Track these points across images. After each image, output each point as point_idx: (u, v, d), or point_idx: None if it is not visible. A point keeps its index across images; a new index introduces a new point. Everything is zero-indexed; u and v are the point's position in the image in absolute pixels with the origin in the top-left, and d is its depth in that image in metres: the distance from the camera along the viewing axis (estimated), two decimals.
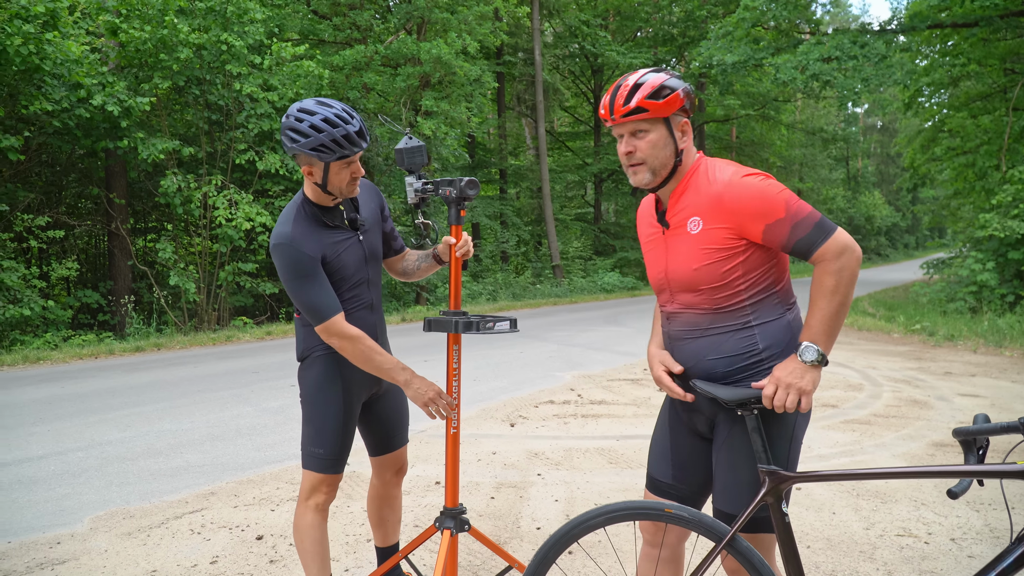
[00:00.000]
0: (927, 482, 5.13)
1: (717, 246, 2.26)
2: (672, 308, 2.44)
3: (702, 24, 31.05)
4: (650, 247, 2.51)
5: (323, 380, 3.01)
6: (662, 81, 2.29)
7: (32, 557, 4.02)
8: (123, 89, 13.77)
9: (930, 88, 22.67)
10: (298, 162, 2.82)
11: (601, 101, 2.39)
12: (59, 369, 10.65)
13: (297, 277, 2.78)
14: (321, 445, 3.01)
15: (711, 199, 2.27)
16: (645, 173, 2.34)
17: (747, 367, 2.31)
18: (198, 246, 16.20)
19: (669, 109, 2.29)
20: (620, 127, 2.34)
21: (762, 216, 2.20)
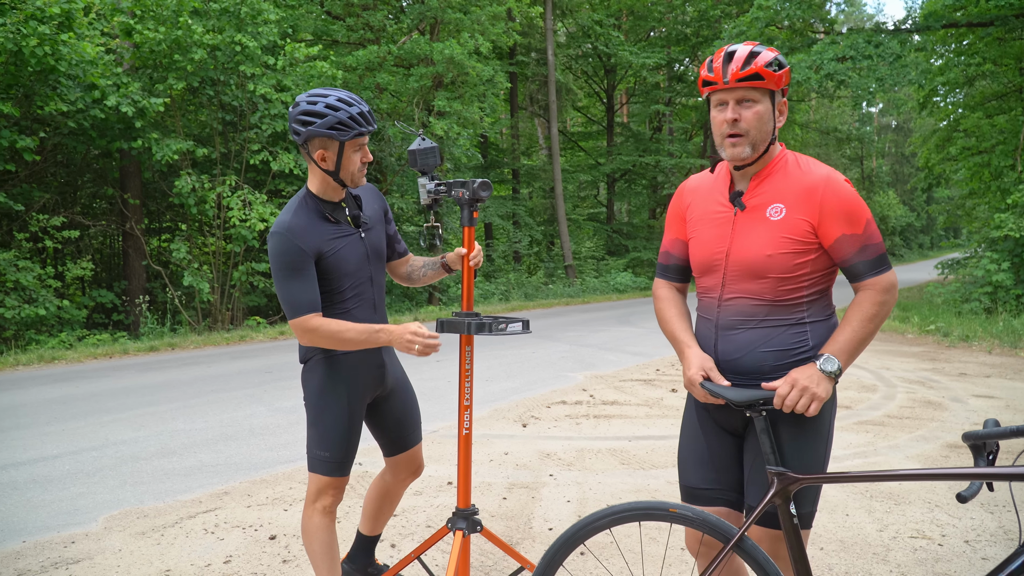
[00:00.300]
0: (940, 484, 5.10)
1: (795, 237, 2.24)
2: (725, 294, 2.37)
3: (715, 24, 30.97)
4: (709, 225, 2.41)
5: (326, 383, 2.99)
6: (776, 55, 2.25)
7: (47, 556, 4.05)
8: (137, 90, 13.85)
9: (945, 88, 22.53)
10: (310, 149, 2.80)
11: (707, 65, 2.29)
12: (73, 369, 10.72)
13: (284, 268, 2.76)
14: (327, 448, 3.00)
15: (803, 189, 2.25)
16: (745, 146, 2.26)
17: (795, 363, 2.29)
18: (212, 246, 16.27)
19: (779, 83, 2.25)
20: (728, 93, 2.26)
21: (845, 223, 2.21)
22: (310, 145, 2.79)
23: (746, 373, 2.33)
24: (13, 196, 13.59)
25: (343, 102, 2.75)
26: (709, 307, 2.43)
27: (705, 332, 2.44)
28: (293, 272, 2.76)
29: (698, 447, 2.52)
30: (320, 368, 2.99)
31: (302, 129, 2.75)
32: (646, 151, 32.90)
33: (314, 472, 3.03)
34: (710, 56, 2.32)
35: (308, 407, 3.05)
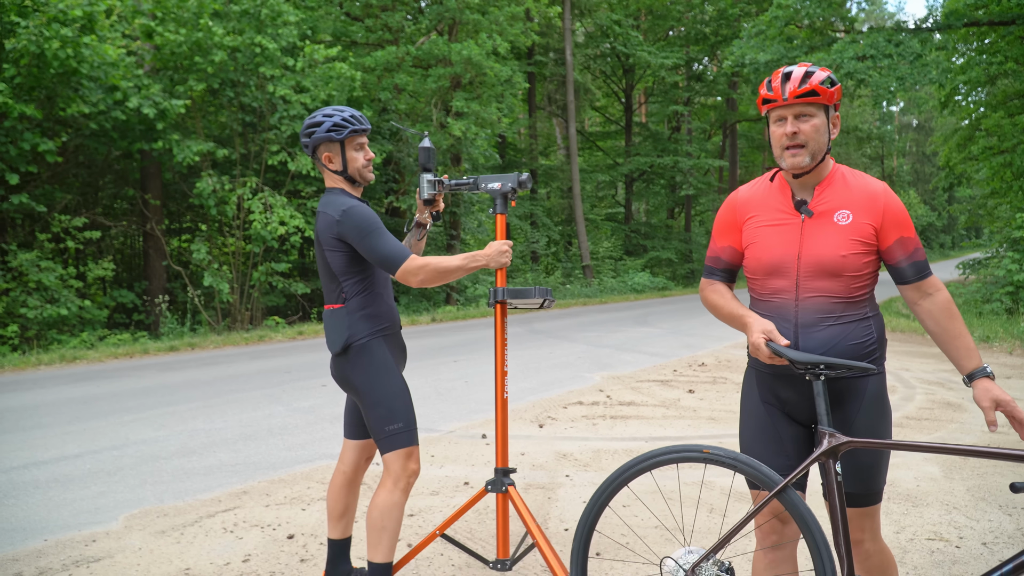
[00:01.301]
0: (960, 486, 5.06)
1: (862, 239, 2.45)
2: (802, 293, 2.52)
3: (735, 23, 30.86)
4: (773, 231, 2.58)
5: (379, 360, 3.17)
6: (829, 74, 2.47)
7: (68, 555, 4.10)
8: (158, 91, 13.98)
9: (966, 86, 22.31)
10: (319, 156, 3.21)
11: (766, 84, 2.51)
12: (95, 368, 10.84)
13: (374, 229, 3.06)
14: (397, 419, 3.16)
15: (867, 196, 2.48)
16: (804, 156, 2.47)
17: (864, 356, 2.49)
18: (231, 246, 16.39)
19: (832, 99, 2.47)
20: (787, 109, 2.48)
21: (903, 228, 2.47)
22: (318, 152, 3.21)
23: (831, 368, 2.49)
24: (36, 197, 13.75)
25: (335, 110, 3.18)
26: (784, 307, 2.56)
27: (783, 331, 2.55)
28: (380, 231, 3.07)
29: (769, 436, 2.65)
30: (369, 349, 3.17)
31: (308, 140, 3.18)
32: (664, 151, 32.81)
33: (393, 450, 3.15)
34: (768, 78, 2.54)
35: (366, 390, 3.16)
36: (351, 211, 3.08)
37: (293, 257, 19.11)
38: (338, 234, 3.09)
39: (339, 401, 8.09)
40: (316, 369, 10.25)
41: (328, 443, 6.42)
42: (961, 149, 25.47)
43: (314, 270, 20.96)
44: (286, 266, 16.61)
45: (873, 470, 2.51)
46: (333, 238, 3.11)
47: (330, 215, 3.11)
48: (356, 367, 3.16)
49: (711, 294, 2.82)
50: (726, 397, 8.24)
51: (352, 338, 3.15)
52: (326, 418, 7.34)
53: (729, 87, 33.50)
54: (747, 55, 19.79)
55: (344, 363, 3.19)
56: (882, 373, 2.54)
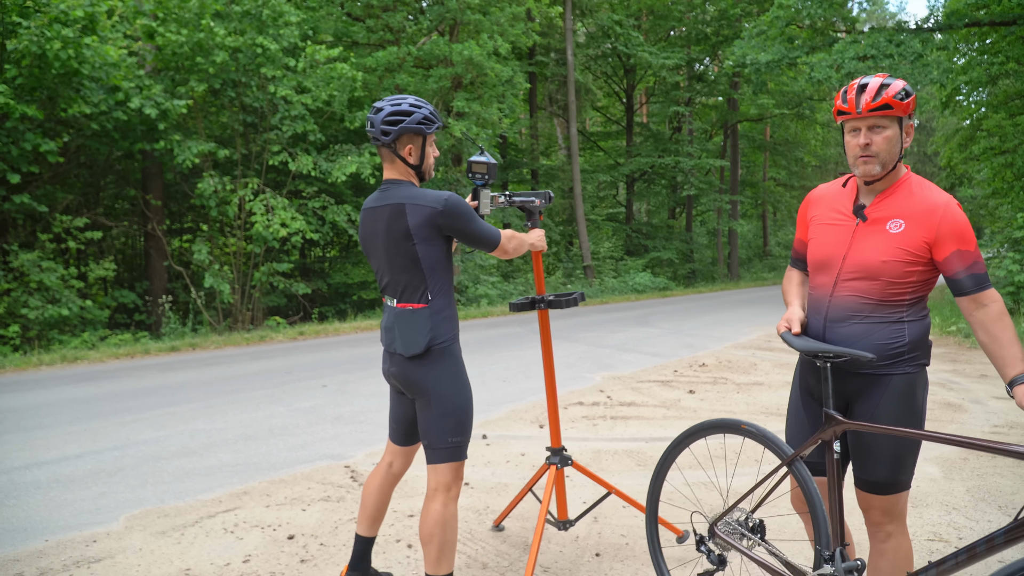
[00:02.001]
0: (959, 486, 5.07)
1: (910, 249, 2.57)
2: (836, 291, 2.70)
3: (736, 23, 30.85)
4: (829, 230, 2.77)
5: (459, 368, 3.16)
6: (904, 85, 2.58)
7: (68, 555, 4.11)
8: (160, 92, 13.98)
9: (968, 86, 22.31)
10: (398, 146, 3.12)
11: (841, 96, 2.65)
12: (96, 368, 10.85)
13: (473, 213, 3.11)
14: (461, 432, 3.15)
15: (924, 209, 2.58)
16: (875, 165, 2.61)
17: (892, 355, 2.64)
18: (232, 247, 16.40)
19: (907, 110, 2.57)
20: (861, 121, 2.60)
21: (960, 241, 2.54)
22: (398, 143, 3.11)
23: (850, 362, 2.67)
24: (37, 197, 13.77)
25: (420, 102, 3.14)
26: (820, 301, 2.77)
27: (813, 324, 2.78)
28: (476, 216, 3.14)
29: (803, 422, 2.92)
30: (449, 355, 3.14)
31: (392, 128, 3.08)
32: (665, 151, 32.80)
33: (449, 461, 3.14)
34: (844, 88, 2.67)
35: (440, 397, 3.11)
36: (452, 199, 3.04)
37: (294, 257, 19.13)
38: (440, 224, 3.03)
39: (339, 402, 8.10)
40: (317, 369, 10.26)
41: (329, 443, 6.43)
42: (962, 149, 25.49)
43: (316, 270, 20.99)
44: (288, 266, 16.62)
45: (897, 461, 2.66)
46: (432, 229, 3.03)
47: (428, 207, 3.01)
48: (433, 371, 3.09)
49: (784, 280, 3.10)
50: (727, 398, 8.24)
51: (435, 340, 3.08)
52: (327, 418, 7.35)
53: (730, 87, 33.47)
54: (748, 55, 19.80)
55: (419, 366, 3.10)
56: (912, 374, 2.67)
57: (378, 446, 6.32)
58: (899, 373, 2.66)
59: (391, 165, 3.16)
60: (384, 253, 3.11)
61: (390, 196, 3.11)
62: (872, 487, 2.72)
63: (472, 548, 4.13)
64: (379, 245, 3.13)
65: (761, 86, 22.13)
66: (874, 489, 2.71)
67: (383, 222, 3.09)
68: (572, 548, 4.14)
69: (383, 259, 3.13)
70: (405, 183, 3.14)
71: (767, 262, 42.62)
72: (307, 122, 15.86)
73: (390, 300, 3.17)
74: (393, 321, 3.15)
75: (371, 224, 3.16)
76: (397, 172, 3.17)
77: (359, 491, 5.13)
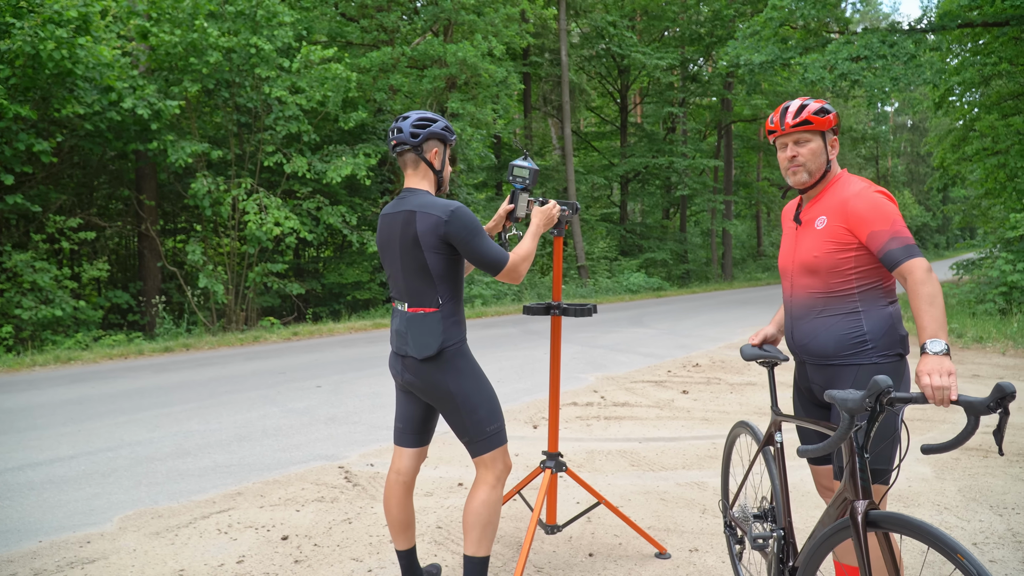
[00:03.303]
0: (951, 486, 5.09)
1: (834, 239, 2.80)
2: (793, 291, 2.99)
3: (730, 23, 30.88)
4: (784, 239, 3.11)
5: (473, 363, 3.24)
6: (822, 104, 2.88)
7: (62, 556, 4.11)
8: (153, 92, 13.97)
9: (961, 87, 22.39)
10: (424, 149, 3.21)
11: (769, 120, 2.97)
12: (89, 369, 10.83)
13: (480, 230, 3.12)
14: (496, 419, 3.25)
15: (839, 203, 2.82)
16: (803, 174, 2.90)
17: (853, 346, 2.80)
18: (226, 247, 16.39)
19: (826, 126, 2.87)
20: (786, 137, 2.91)
21: (871, 223, 2.71)
22: (425, 146, 3.22)
23: (816, 355, 2.89)
24: (30, 198, 13.73)
25: (437, 115, 3.27)
26: (786, 303, 3.07)
27: (787, 324, 3.07)
28: (484, 231, 3.17)
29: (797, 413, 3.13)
30: (463, 352, 3.22)
31: (421, 131, 3.18)
32: (659, 152, 32.84)
33: (493, 448, 3.23)
34: (771, 114, 3.01)
35: (464, 394, 3.19)
36: (459, 211, 3.09)
37: (288, 258, 19.11)
38: (444, 235, 3.08)
39: (333, 402, 8.10)
40: (311, 370, 10.26)
41: (323, 444, 6.43)
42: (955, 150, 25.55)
43: (310, 270, 20.98)
44: (282, 267, 16.61)
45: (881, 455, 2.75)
46: (438, 239, 3.09)
47: (435, 215, 3.07)
48: (450, 372, 3.16)
49: None
50: (720, 398, 8.27)
51: (447, 343, 3.15)
52: (321, 419, 7.35)
53: (724, 88, 33.52)
54: (742, 56, 19.82)
55: (435, 370, 3.15)
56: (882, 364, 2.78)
57: (372, 447, 6.33)
58: (867, 363, 2.78)
59: (415, 171, 3.24)
60: (398, 259, 3.19)
61: (405, 203, 3.18)
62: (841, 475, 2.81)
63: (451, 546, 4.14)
64: (393, 251, 3.20)
65: (755, 87, 22.16)
66: None
67: (397, 228, 3.17)
68: (565, 548, 4.15)
69: (397, 264, 3.20)
70: (422, 192, 3.20)
71: (761, 262, 42.70)
72: (301, 122, 15.85)
73: (401, 304, 3.23)
74: (405, 325, 3.19)
75: (387, 230, 3.25)
76: (419, 178, 3.24)
77: (353, 492, 5.13)
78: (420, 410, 3.36)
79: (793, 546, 2.94)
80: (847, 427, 2.20)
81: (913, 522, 2.09)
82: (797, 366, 3.10)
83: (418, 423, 3.38)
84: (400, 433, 3.41)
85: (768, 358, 3.15)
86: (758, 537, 3.00)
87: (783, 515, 2.96)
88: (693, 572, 3.81)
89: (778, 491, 3.02)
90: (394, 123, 3.23)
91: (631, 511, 4.70)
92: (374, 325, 16.09)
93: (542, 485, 3.74)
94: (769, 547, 3.01)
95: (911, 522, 2.10)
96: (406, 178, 3.27)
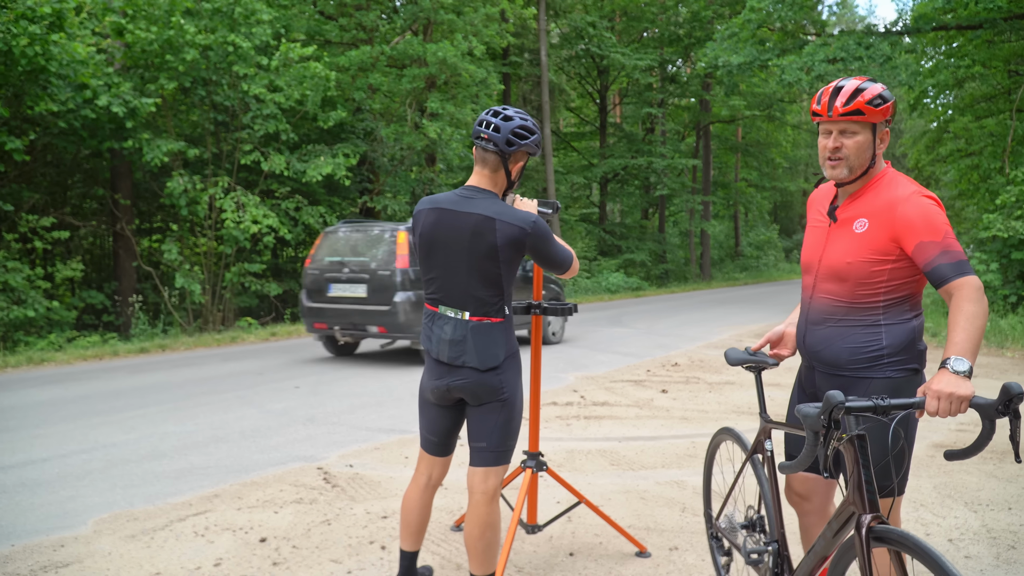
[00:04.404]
0: (927, 483, 5.13)
1: (874, 248, 2.55)
2: (815, 293, 2.75)
3: (708, 25, 31.03)
4: (812, 232, 2.82)
5: (519, 376, 3.20)
6: (880, 91, 2.54)
7: (36, 560, 4.04)
8: (129, 90, 13.81)
9: (935, 89, 22.64)
10: (513, 158, 3.14)
11: (816, 97, 2.63)
12: (63, 371, 10.70)
13: (552, 237, 3.15)
14: (516, 437, 3.22)
15: (885, 206, 2.54)
16: (843, 168, 2.59)
17: (868, 359, 2.61)
18: (203, 247, 16.24)
19: (880, 117, 2.54)
20: (832, 124, 2.58)
21: (920, 232, 2.45)
22: (514, 155, 3.13)
23: (827, 363, 2.70)
24: (2, 196, 13.54)
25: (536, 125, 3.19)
26: (804, 303, 2.83)
27: (800, 325, 2.84)
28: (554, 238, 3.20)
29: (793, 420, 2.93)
30: (516, 363, 3.19)
31: (519, 142, 3.08)
32: (639, 152, 32.93)
33: (500, 464, 3.18)
34: (821, 90, 2.64)
35: (514, 402, 3.17)
36: (540, 221, 3.09)
37: (266, 258, 18.96)
38: (525, 244, 3.04)
39: (312, 403, 8.05)
40: (289, 371, 10.19)
41: (301, 445, 6.38)
42: (930, 151, 25.85)
43: (288, 271, 20.83)
44: (260, 266, 16.48)
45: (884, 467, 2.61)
46: (515, 249, 3.03)
47: (518, 226, 3.01)
48: (510, 379, 3.13)
49: None
50: (699, 397, 8.29)
51: (509, 351, 3.13)
52: (299, 420, 7.30)
53: (702, 88, 33.66)
54: (720, 57, 19.94)
55: (495, 375, 3.08)
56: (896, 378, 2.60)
57: (351, 447, 6.29)
58: (880, 377, 2.60)
59: (490, 173, 3.13)
60: (463, 264, 3.05)
61: (479, 206, 3.05)
62: None
63: (446, 549, 4.12)
64: (456, 254, 3.06)
65: (733, 88, 22.29)
66: None
67: (467, 230, 3.03)
68: (546, 548, 4.14)
69: (460, 270, 3.06)
70: (492, 195, 3.10)
71: (739, 262, 42.94)
72: (279, 121, 15.74)
73: (456, 312, 3.09)
74: (466, 334, 3.07)
75: (449, 226, 3.07)
76: (490, 180, 3.14)
77: (332, 493, 5.09)
78: (450, 421, 3.28)
79: (788, 559, 2.80)
80: (812, 445, 2.09)
81: (919, 544, 1.97)
82: (805, 369, 2.89)
83: (450, 433, 3.32)
84: (435, 445, 3.32)
85: (755, 363, 2.98)
86: (752, 552, 2.84)
87: (775, 526, 2.83)
88: (673, 570, 3.81)
89: (769, 501, 2.88)
90: (490, 116, 3.10)
91: (611, 510, 4.69)
92: None
93: (522, 484, 3.72)
94: (764, 562, 2.86)
95: (916, 543, 1.97)
96: (475, 173, 3.15)
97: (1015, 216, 14.92)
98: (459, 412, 3.28)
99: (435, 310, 3.15)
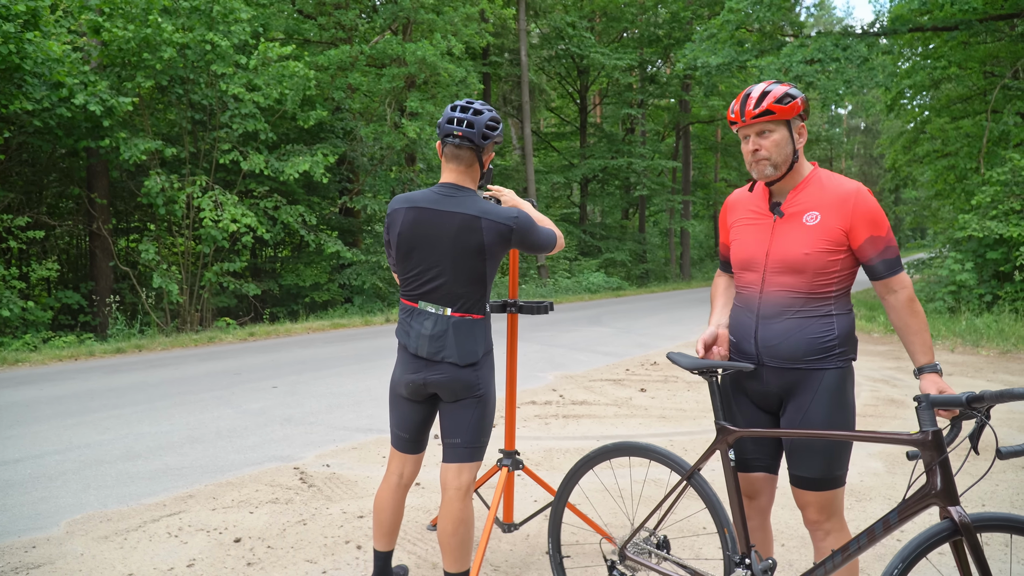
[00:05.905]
0: (902, 481, 5.18)
1: (829, 239, 2.64)
2: (766, 287, 2.76)
3: (687, 25, 31.16)
4: (749, 229, 2.84)
5: (494, 374, 3.23)
6: (786, 89, 2.69)
7: (7, 561, 4.00)
8: (105, 88, 13.68)
9: (912, 90, 22.86)
10: (486, 151, 3.19)
11: (729, 108, 2.78)
12: (38, 371, 10.58)
13: (535, 223, 3.20)
14: (489, 434, 3.24)
15: (837, 198, 2.66)
16: (768, 167, 2.71)
17: (822, 350, 2.68)
18: (181, 246, 16.13)
19: (791, 113, 2.68)
20: (748, 128, 2.72)
21: (872, 227, 2.63)
22: (487, 147, 3.17)
23: (785, 358, 2.71)
24: None
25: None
26: (750, 299, 2.82)
27: (745, 322, 2.82)
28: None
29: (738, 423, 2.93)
30: (492, 357, 3.22)
31: (492, 133, 3.15)
32: (619, 152, 33.02)
33: (474, 460, 3.20)
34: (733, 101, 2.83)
35: (484, 402, 3.18)
36: (522, 215, 3.12)
37: (245, 257, 18.85)
38: (511, 240, 3.07)
39: (289, 403, 8.01)
40: (267, 371, 10.13)
41: (278, 445, 6.35)
42: (906, 152, 26.08)
43: (267, 271, 20.73)
44: (238, 266, 16.38)
45: (831, 457, 2.69)
46: (502, 246, 3.07)
47: (503, 224, 3.04)
48: (485, 375, 3.16)
49: (712, 284, 3.19)
50: (677, 396, 8.32)
51: (487, 348, 3.17)
52: (276, 420, 7.26)
53: (682, 89, 33.80)
54: (699, 58, 20.03)
55: (472, 371, 3.10)
56: (842, 368, 2.70)
57: (328, 447, 6.26)
58: (831, 368, 2.69)
59: (465, 169, 3.15)
60: (448, 262, 3.05)
61: (462, 204, 3.06)
62: (807, 483, 2.73)
63: (422, 548, 4.12)
64: (440, 251, 3.06)
65: (712, 88, 22.45)
66: (809, 485, 2.73)
67: (451, 229, 3.03)
68: (523, 546, 4.14)
69: (445, 267, 3.06)
70: (472, 192, 3.14)
71: (718, 262, 43.08)
72: (258, 120, 15.65)
73: (438, 308, 3.09)
74: (447, 329, 3.08)
75: (431, 224, 3.06)
76: (463, 176, 3.16)
77: (308, 493, 5.07)
78: (422, 416, 3.28)
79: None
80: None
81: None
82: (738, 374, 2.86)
83: (421, 430, 3.32)
84: (406, 442, 3.32)
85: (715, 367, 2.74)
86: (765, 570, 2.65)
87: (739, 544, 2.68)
88: None
89: (730, 516, 2.74)
90: (459, 112, 3.09)
91: (588, 509, 4.70)
92: (332, 325, 15.95)
93: (499, 483, 3.72)
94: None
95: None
96: (448, 171, 3.15)
97: (990, 216, 15.10)
98: (431, 408, 3.27)
99: (414, 305, 3.15)
